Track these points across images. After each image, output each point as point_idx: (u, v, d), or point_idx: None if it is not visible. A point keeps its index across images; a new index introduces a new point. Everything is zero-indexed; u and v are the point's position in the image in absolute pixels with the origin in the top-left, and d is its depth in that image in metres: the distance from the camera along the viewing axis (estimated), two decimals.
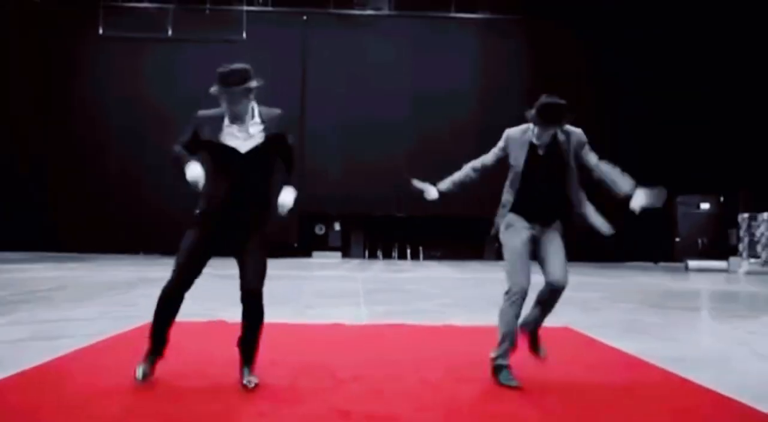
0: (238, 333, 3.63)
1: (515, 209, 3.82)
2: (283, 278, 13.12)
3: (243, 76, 3.43)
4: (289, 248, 24.65)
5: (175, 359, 3.80)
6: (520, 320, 3.79)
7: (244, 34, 24.24)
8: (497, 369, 3.67)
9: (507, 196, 3.86)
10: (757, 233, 20.54)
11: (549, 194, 3.78)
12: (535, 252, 3.82)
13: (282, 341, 5.07)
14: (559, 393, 3.52)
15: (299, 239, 25.38)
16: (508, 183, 3.87)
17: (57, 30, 24.03)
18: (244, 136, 3.51)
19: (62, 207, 23.24)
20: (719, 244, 22.31)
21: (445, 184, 4.15)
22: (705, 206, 22.56)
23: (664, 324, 6.63)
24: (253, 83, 3.45)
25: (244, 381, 3.49)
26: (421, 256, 26.74)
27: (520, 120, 3.91)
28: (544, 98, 3.70)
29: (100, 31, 24.18)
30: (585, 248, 23.19)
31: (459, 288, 11.35)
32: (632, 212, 3.59)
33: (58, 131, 23.86)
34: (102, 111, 23.95)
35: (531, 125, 3.79)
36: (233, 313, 6.55)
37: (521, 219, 3.80)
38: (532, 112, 3.71)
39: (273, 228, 3.69)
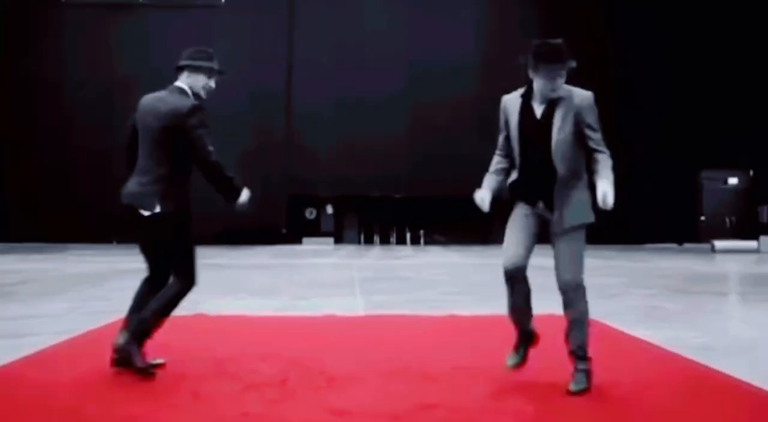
0: (218, 326, 3.62)
1: (514, 187, 3.59)
2: (272, 267, 13.12)
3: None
4: (278, 235, 24.66)
5: (154, 356, 3.80)
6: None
7: None
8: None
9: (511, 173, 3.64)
10: None
11: (545, 165, 3.44)
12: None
13: (271, 335, 5.07)
14: (566, 385, 3.51)
15: (288, 225, 25.39)
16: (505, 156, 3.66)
17: None
18: None
19: (26, 193, 23.16)
20: (748, 222, 22.35)
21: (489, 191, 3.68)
22: (733, 181, 22.59)
23: (688, 310, 6.64)
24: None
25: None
26: (422, 240, 26.78)
27: None
28: (537, 41, 3.46)
29: None
30: (604, 231, 23.36)
31: (463, 275, 11.37)
32: (653, 191, 3.45)
33: (19, 108, 23.70)
34: (67, 85, 23.77)
35: (526, 86, 3.53)
36: (214, 305, 6.56)
37: (522, 202, 3.58)
38: (528, 58, 3.43)
39: None
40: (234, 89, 23.91)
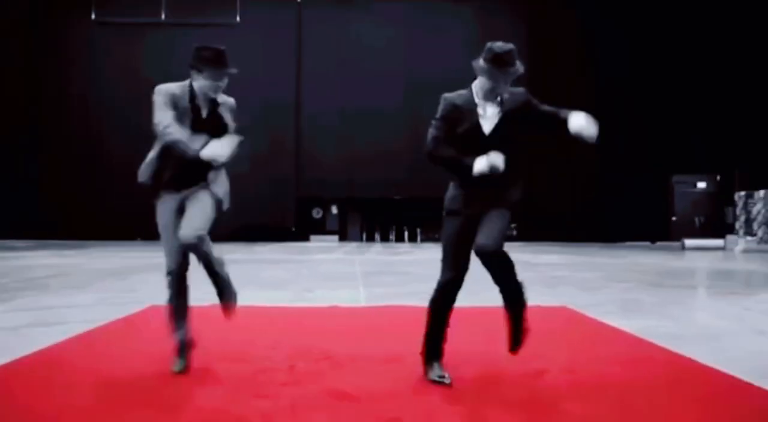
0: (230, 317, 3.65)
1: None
2: (281, 262, 13.12)
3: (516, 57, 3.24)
4: (287, 232, 24.67)
5: (170, 344, 3.79)
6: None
7: (238, 18, 24.05)
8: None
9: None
10: (754, 211, 20.58)
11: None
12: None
13: (280, 324, 5.07)
14: (558, 373, 3.51)
15: (296, 223, 25.39)
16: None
17: (48, 16, 23.83)
18: None
19: (59, 195, 23.20)
20: (716, 223, 22.35)
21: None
22: (701, 185, 22.55)
23: (661, 302, 6.63)
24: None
25: None
26: (419, 238, 26.77)
27: None
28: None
29: (93, 17, 23.96)
30: (584, 229, 23.35)
31: None
32: (629, 194, 3.36)
33: (54, 118, 23.74)
34: (98, 97, 23.81)
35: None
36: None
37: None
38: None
39: None
40: (248, 100, 23.94)
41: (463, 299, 3.65)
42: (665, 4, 24.32)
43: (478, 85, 3.34)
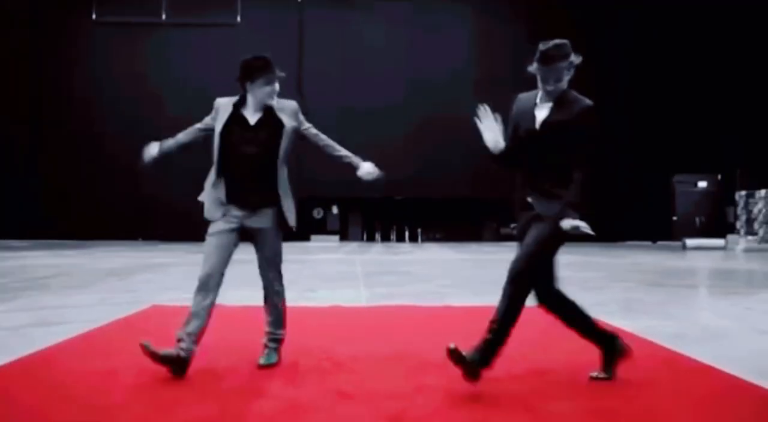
0: (235, 316, 3.62)
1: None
2: (283, 262, 13.13)
3: (566, 51, 3.27)
4: (288, 232, 24.66)
5: (171, 344, 3.78)
6: None
7: (239, 18, 24.06)
8: None
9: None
10: (755, 211, 20.57)
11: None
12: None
13: None
14: (558, 373, 3.51)
15: (297, 223, 25.37)
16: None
17: (49, 17, 23.82)
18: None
19: (60, 195, 23.19)
20: (717, 222, 22.34)
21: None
22: (702, 184, 22.55)
23: (663, 301, 6.63)
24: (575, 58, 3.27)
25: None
26: (420, 238, 26.76)
27: None
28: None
29: (93, 17, 23.97)
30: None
31: (458, 269, 11.34)
32: (630, 193, 3.33)
33: (54, 117, 23.73)
34: (98, 97, 23.78)
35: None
36: (231, 297, 6.54)
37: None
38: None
39: None
40: None
41: (460, 298, 3.63)
42: (668, 5, 24.28)
43: None
